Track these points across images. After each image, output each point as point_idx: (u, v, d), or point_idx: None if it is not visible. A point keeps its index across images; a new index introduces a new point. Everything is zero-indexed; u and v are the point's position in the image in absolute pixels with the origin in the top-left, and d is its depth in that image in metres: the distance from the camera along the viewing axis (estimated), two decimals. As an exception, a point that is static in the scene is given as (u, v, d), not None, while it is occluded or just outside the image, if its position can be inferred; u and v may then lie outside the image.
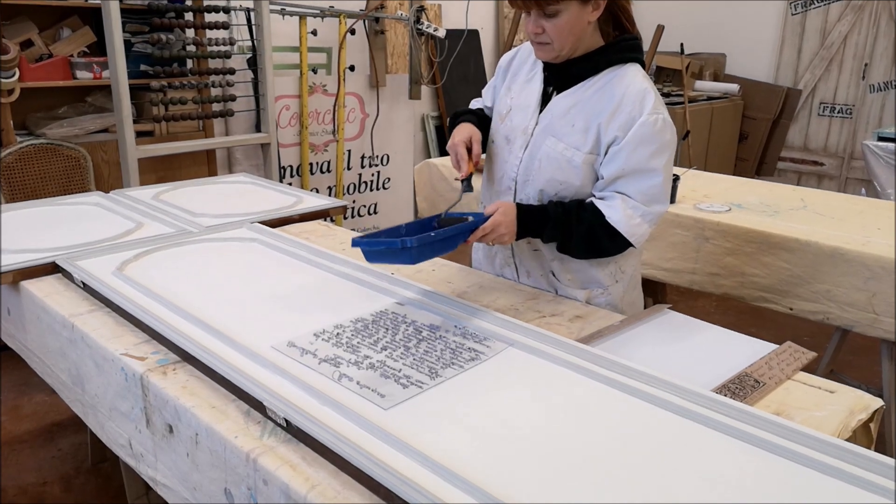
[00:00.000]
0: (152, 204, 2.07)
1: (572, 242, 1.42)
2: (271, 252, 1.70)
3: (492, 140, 1.59)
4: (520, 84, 1.55)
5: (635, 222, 1.38)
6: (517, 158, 1.51)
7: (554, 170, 1.45)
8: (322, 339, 1.23)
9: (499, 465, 0.89)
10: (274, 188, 2.35)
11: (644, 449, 0.94)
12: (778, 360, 1.22)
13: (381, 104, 4.20)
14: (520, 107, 1.52)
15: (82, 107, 3.15)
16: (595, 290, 1.53)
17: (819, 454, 0.91)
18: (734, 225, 2.12)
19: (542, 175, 1.47)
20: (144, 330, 1.30)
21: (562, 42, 1.35)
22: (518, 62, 1.58)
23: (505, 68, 1.61)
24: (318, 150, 3.99)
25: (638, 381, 1.09)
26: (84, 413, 1.43)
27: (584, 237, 1.41)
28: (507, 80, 1.59)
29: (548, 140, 1.45)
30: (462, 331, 1.27)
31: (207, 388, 1.12)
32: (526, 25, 1.38)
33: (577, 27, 1.34)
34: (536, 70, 1.52)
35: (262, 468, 0.93)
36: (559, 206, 1.42)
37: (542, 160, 1.46)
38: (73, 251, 1.65)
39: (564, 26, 1.33)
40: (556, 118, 1.44)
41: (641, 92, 1.36)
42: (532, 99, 1.50)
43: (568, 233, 1.41)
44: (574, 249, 1.45)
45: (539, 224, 1.41)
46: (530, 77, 1.53)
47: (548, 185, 1.46)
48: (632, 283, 1.60)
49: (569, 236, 1.41)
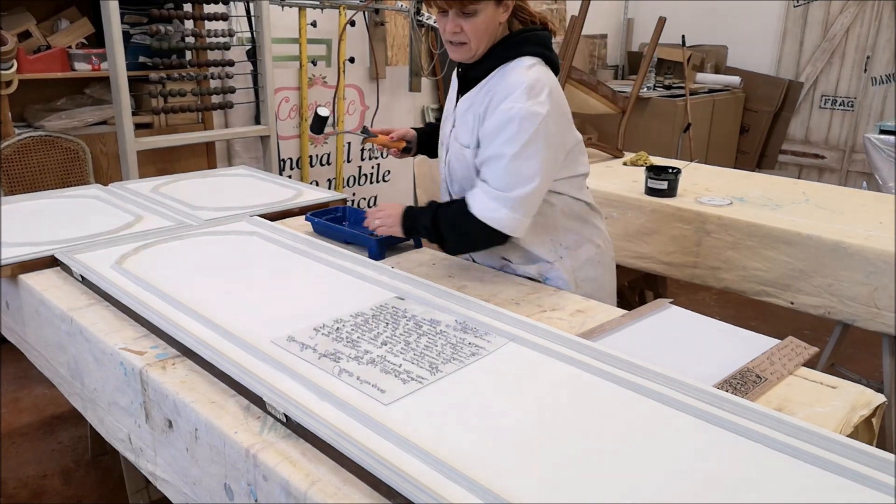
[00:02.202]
0: (151, 197, 2.06)
1: (443, 235, 1.48)
2: (271, 246, 1.69)
3: (438, 153, 1.69)
4: (451, 99, 1.62)
5: (491, 207, 1.41)
6: (444, 162, 1.62)
7: (461, 168, 1.54)
8: (322, 333, 1.22)
9: (499, 462, 0.88)
10: (273, 181, 2.34)
11: (645, 445, 0.93)
12: (780, 355, 1.22)
13: (381, 96, 4.18)
14: (446, 114, 1.63)
15: (81, 99, 3.13)
16: (543, 266, 1.60)
17: (821, 450, 0.90)
18: (736, 218, 2.11)
19: (457, 175, 1.57)
20: (143, 324, 1.30)
21: (478, 41, 1.41)
22: (454, 76, 1.63)
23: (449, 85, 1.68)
24: (318, 143, 3.98)
25: (639, 376, 1.09)
26: (83, 407, 1.42)
27: (452, 230, 1.47)
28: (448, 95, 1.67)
29: (454, 143, 1.55)
30: (462, 325, 1.26)
31: (207, 382, 1.12)
32: (442, 27, 1.42)
33: (491, 26, 1.40)
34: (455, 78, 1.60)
35: (262, 464, 0.93)
36: (436, 203, 1.51)
37: (452, 161, 1.57)
38: (72, 244, 1.64)
39: (481, 25, 1.38)
40: (458, 121, 1.54)
41: (511, 85, 1.40)
42: (450, 106, 1.60)
43: (436, 226, 1.47)
44: (448, 243, 1.52)
45: (414, 219, 1.51)
46: (453, 87, 1.61)
47: (463, 181, 1.55)
48: (587, 261, 1.63)
49: (437, 229, 1.47)
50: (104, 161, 3.12)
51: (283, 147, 3.81)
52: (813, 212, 2.19)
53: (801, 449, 0.91)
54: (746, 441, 0.94)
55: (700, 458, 0.90)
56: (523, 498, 0.82)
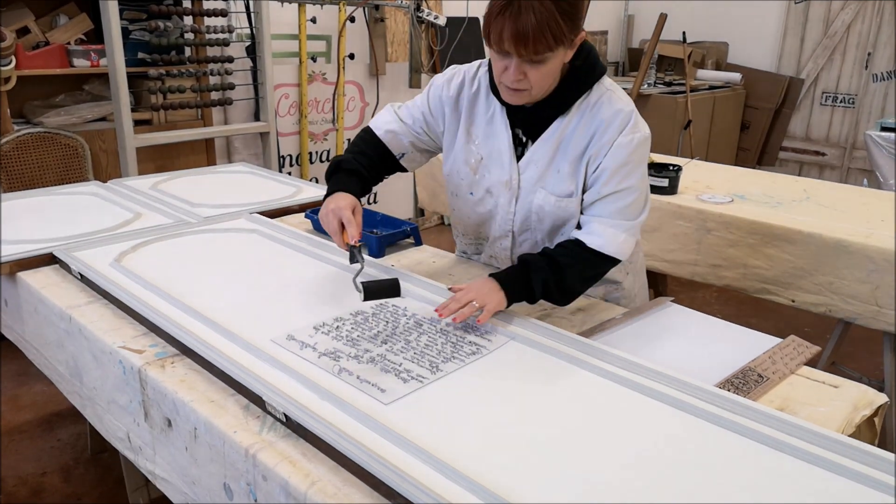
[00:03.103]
0: (150, 194, 2.05)
1: (566, 283, 1.29)
2: (270, 243, 1.69)
3: (469, 192, 1.48)
4: (481, 128, 1.41)
5: (621, 240, 1.31)
6: (508, 213, 1.44)
7: (555, 220, 1.40)
8: (322, 332, 1.22)
9: (500, 462, 0.88)
10: (273, 178, 2.33)
11: (647, 445, 0.93)
12: (781, 354, 1.21)
13: (381, 93, 4.17)
14: (491, 156, 1.41)
15: (80, 95, 3.12)
16: (609, 287, 1.53)
17: (823, 450, 0.90)
18: (737, 216, 2.11)
19: (544, 225, 1.42)
20: (142, 322, 1.29)
21: (543, 88, 1.26)
22: (467, 98, 1.42)
23: (452, 105, 1.43)
24: (318, 139, 3.97)
25: (641, 375, 1.08)
26: (82, 405, 1.42)
27: (581, 281, 1.33)
28: (461, 121, 1.43)
29: (538, 193, 1.38)
30: (463, 324, 1.26)
31: (206, 381, 1.11)
32: (499, 70, 1.23)
33: (557, 70, 1.26)
34: (493, 109, 1.39)
35: (262, 464, 0.92)
36: (532, 256, 1.30)
37: (538, 213, 1.40)
38: (71, 242, 1.63)
39: (550, 72, 1.22)
40: (541, 168, 1.36)
41: (614, 114, 1.30)
42: (503, 146, 1.39)
43: (560, 281, 1.28)
44: (569, 289, 1.32)
45: (524, 283, 1.27)
46: (489, 118, 1.40)
47: (552, 231, 1.42)
48: (640, 269, 1.60)
49: (561, 283, 1.28)
50: (103, 158, 3.11)
51: (283, 143, 3.80)
52: (814, 209, 2.18)
53: (803, 449, 0.90)
54: (748, 441, 0.94)
55: (702, 458, 0.90)
56: (524, 498, 0.81)
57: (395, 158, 1.50)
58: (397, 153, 1.49)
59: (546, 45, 1.15)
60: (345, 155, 1.46)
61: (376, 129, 1.49)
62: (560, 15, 1.14)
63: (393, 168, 1.51)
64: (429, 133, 1.49)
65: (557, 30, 1.14)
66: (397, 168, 1.52)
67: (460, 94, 1.43)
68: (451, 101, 1.44)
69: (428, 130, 1.48)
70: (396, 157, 1.50)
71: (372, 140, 1.49)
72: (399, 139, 1.48)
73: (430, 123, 1.48)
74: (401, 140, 1.48)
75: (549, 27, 1.13)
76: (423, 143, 1.50)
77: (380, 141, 1.48)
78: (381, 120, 1.50)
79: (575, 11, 1.17)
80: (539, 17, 1.13)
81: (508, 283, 1.25)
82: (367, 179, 1.44)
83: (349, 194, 1.36)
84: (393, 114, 1.50)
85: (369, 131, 1.50)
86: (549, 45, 1.16)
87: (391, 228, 1.78)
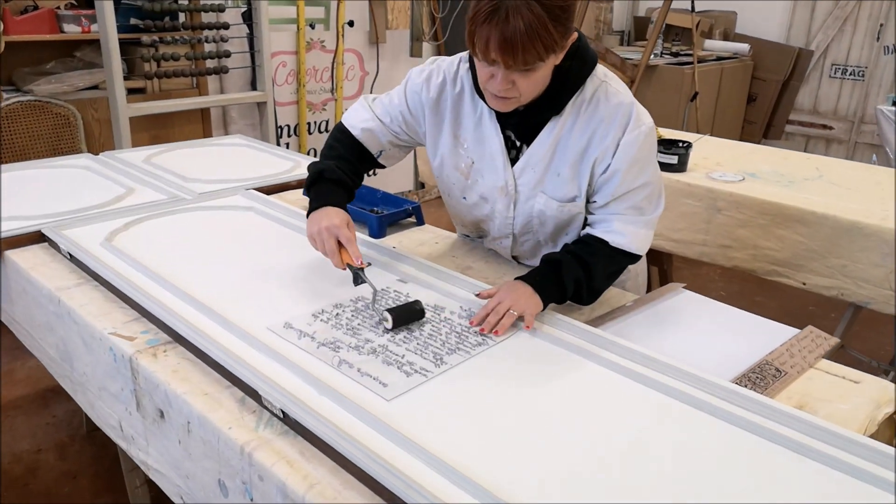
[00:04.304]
0: (143, 168, 1.99)
1: (594, 283, 1.25)
2: (267, 222, 1.63)
3: (462, 196, 1.41)
4: (469, 131, 1.32)
5: (641, 235, 1.27)
6: (507, 218, 1.37)
7: (557, 223, 1.34)
8: (321, 319, 1.17)
9: (508, 465, 0.83)
10: (270, 151, 2.26)
11: (659, 444, 0.88)
12: (799, 346, 1.17)
13: (381, 61, 4.07)
14: (483, 160, 1.33)
15: (71, 62, 3.03)
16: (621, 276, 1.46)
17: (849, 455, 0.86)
18: (748, 196, 2.04)
19: (546, 228, 1.36)
20: (134, 307, 1.24)
21: (533, 94, 1.17)
22: (451, 100, 1.32)
23: (432, 107, 1.33)
24: (317, 109, 3.88)
25: (654, 370, 1.04)
26: (73, 390, 1.38)
27: (605, 277, 1.28)
28: (444, 124, 1.34)
29: (538, 198, 1.31)
30: (468, 312, 1.21)
31: (200, 372, 1.06)
32: (484, 77, 1.13)
33: (549, 75, 1.17)
34: (480, 110, 1.30)
35: (258, 463, 0.88)
36: (560, 256, 1.25)
37: (539, 217, 1.34)
38: (60, 219, 1.57)
39: (540, 79, 1.14)
40: (539, 172, 1.29)
41: (613, 111, 1.22)
42: (495, 151, 1.30)
43: (590, 279, 1.24)
44: (596, 288, 1.28)
45: (554, 285, 1.21)
46: (477, 121, 1.31)
47: (556, 232, 1.37)
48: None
49: (590, 276, 1.23)
50: (96, 127, 3.03)
51: (281, 113, 3.71)
52: (827, 189, 2.12)
53: (828, 454, 0.86)
54: (768, 443, 0.89)
55: (720, 460, 0.86)
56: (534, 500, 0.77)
57: (372, 157, 1.41)
58: (375, 151, 1.41)
59: (536, 55, 1.06)
60: (325, 162, 1.34)
61: (352, 127, 1.39)
62: (551, 21, 1.04)
63: (370, 166, 1.43)
64: (408, 132, 1.39)
65: (548, 38, 1.05)
66: (375, 165, 1.44)
67: (441, 95, 1.32)
68: (432, 102, 1.33)
69: (407, 130, 1.39)
70: (374, 156, 1.41)
71: (348, 141, 1.39)
72: (376, 137, 1.39)
73: (409, 123, 1.38)
74: (378, 138, 1.39)
75: (540, 36, 1.04)
76: (401, 140, 1.41)
77: (356, 140, 1.38)
78: (356, 117, 1.40)
79: (567, 15, 1.08)
80: (528, 26, 1.03)
81: (541, 285, 1.20)
82: (350, 189, 1.35)
83: (340, 209, 1.26)
84: (368, 110, 1.40)
85: (345, 131, 1.39)
86: (540, 55, 1.07)
87: (392, 207, 1.72)
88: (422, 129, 1.38)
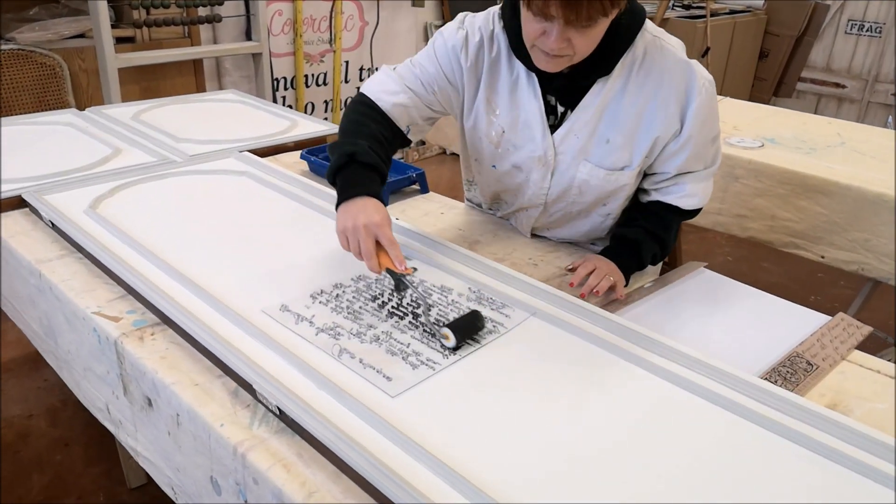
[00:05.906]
0: (131, 126, 1.88)
1: (666, 251, 1.29)
2: (262, 188, 1.53)
3: (492, 164, 1.32)
4: (504, 97, 1.22)
5: (709, 188, 1.29)
6: (542, 188, 1.28)
7: (600, 193, 1.25)
8: (320, 301, 1.09)
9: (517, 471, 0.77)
10: (266, 108, 2.14)
11: (683, 448, 0.81)
12: (831, 335, 1.09)
13: (381, 11, 3.89)
14: (516, 129, 1.23)
15: (55, 8, 2.87)
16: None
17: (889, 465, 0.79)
18: (767, 163, 1.95)
19: (585, 198, 1.27)
20: (119, 283, 1.16)
21: (585, 53, 1.07)
22: (487, 63, 1.21)
23: (470, 72, 1.22)
24: (314, 61, 3.73)
25: (677, 363, 0.96)
26: (58, 367, 1.31)
27: (674, 240, 1.31)
28: (479, 88, 1.24)
29: (582, 166, 1.22)
30: (477, 294, 1.13)
31: (190, 358, 0.99)
32: (534, 33, 1.03)
33: (602, 33, 1.06)
34: (517, 74, 1.20)
35: (252, 465, 0.81)
36: (635, 233, 1.26)
37: (580, 187, 1.25)
38: (42, 182, 1.48)
39: (598, 35, 1.05)
40: (584, 139, 1.19)
41: (673, 68, 1.14)
42: (532, 118, 1.20)
43: (663, 247, 1.28)
44: (666, 255, 1.32)
45: (632, 258, 1.25)
46: (513, 84, 1.21)
47: (594, 203, 1.29)
48: None
49: (664, 247, 1.28)
50: (83, 78, 2.89)
51: (277, 65, 3.56)
52: (850, 156, 2.02)
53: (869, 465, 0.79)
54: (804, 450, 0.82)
55: (748, 467, 0.79)
56: None
57: (403, 134, 1.26)
58: (404, 127, 1.25)
59: (601, 8, 0.97)
60: (355, 142, 1.14)
61: (380, 102, 1.22)
62: None
63: (400, 145, 1.28)
64: (442, 103, 1.26)
65: None
66: (404, 143, 1.29)
67: (478, 58, 1.21)
68: (470, 66, 1.22)
69: (441, 99, 1.26)
70: (404, 133, 1.26)
71: (378, 116, 1.21)
72: (408, 110, 1.24)
73: (445, 91, 1.25)
74: (409, 112, 1.24)
75: None
76: (434, 112, 1.28)
77: (386, 115, 1.22)
78: (382, 88, 1.23)
79: None
80: None
81: (624, 265, 1.22)
82: (384, 175, 1.17)
83: (379, 203, 1.08)
84: (397, 80, 1.24)
85: (371, 105, 1.22)
86: (605, 9, 0.97)
87: (395, 174, 1.63)
88: (460, 97, 1.27)
